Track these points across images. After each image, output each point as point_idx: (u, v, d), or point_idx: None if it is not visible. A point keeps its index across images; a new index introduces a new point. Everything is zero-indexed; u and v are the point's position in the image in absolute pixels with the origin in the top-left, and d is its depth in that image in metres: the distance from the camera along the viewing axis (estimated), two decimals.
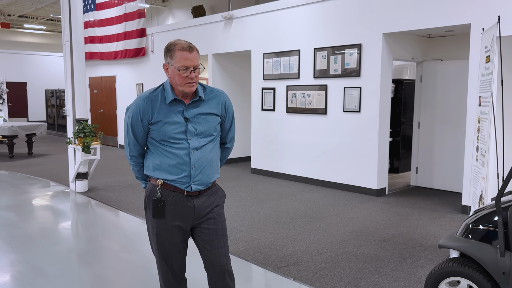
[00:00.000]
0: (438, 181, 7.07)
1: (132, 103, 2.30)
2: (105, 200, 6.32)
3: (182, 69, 2.17)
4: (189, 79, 2.20)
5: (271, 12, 7.82)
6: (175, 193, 2.28)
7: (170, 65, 2.22)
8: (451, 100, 6.82)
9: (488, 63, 3.75)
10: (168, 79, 2.29)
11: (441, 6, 5.68)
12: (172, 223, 2.29)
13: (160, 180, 2.27)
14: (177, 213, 2.29)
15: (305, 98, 7.34)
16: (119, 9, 11.49)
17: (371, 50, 6.45)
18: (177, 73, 2.19)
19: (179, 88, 2.23)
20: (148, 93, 2.29)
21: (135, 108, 2.27)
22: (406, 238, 4.67)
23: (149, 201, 2.31)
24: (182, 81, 2.20)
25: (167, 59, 2.24)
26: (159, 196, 2.26)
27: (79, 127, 6.59)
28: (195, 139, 2.27)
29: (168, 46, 2.24)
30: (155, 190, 2.29)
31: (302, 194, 6.70)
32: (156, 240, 2.33)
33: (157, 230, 2.30)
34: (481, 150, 3.84)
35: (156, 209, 2.26)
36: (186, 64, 2.17)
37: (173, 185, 2.27)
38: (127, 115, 2.30)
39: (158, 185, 2.27)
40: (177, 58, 2.17)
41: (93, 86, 13.40)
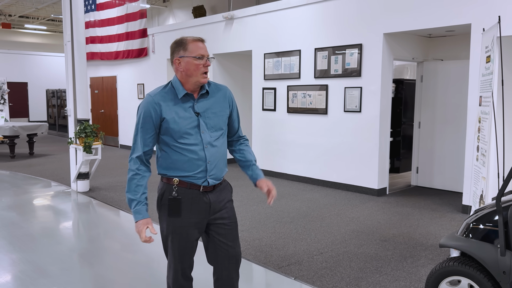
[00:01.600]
0: (438, 181, 7.07)
1: (143, 101, 2.30)
2: (106, 200, 6.33)
3: (199, 57, 2.24)
4: (204, 68, 2.27)
5: (271, 12, 7.83)
6: (191, 190, 2.31)
7: (183, 57, 2.26)
8: (452, 100, 6.83)
9: (488, 63, 3.75)
10: (175, 76, 2.33)
11: (441, 6, 5.68)
12: (189, 220, 2.31)
13: (176, 179, 2.29)
14: (194, 209, 2.32)
15: (306, 98, 7.36)
16: (120, 9, 11.50)
17: (372, 50, 6.46)
18: (193, 63, 2.24)
19: (193, 79, 2.27)
20: (158, 90, 2.31)
21: (147, 105, 2.26)
22: (406, 238, 4.68)
23: (164, 200, 2.31)
24: (197, 71, 2.26)
25: (179, 53, 2.27)
26: (176, 195, 2.28)
27: (80, 127, 6.61)
28: (207, 133, 2.31)
29: (178, 41, 2.30)
30: (170, 188, 2.30)
31: (303, 194, 6.71)
32: (171, 238, 2.33)
33: (173, 228, 2.31)
34: (482, 149, 3.85)
35: (172, 207, 2.28)
36: (202, 53, 2.25)
37: (189, 182, 2.29)
38: (139, 112, 2.28)
39: (174, 184, 2.29)
40: (192, 48, 2.25)
41: (94, 86, 13.42)
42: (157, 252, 4.29)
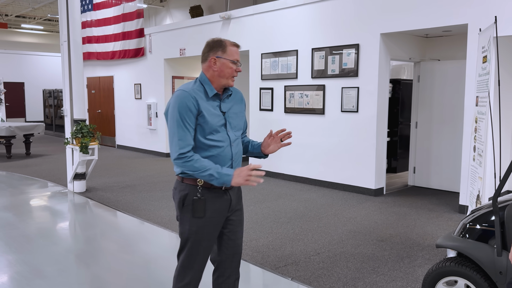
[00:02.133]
0: (435, 180, 7.09)
1: (176, 98, 2.25)
2: (103, 201, 6.32)
3: (235, 61, 2.35)
4: (235, 72, 2.37)
5: (269, 12, 7.83)
6: (214, 189, 2.33)
7: (221, 58, 2.34)
8: (449, 100, 6.84)
9: (485, 63, 3.76)
10: (203, 74, 2.37)
11: (438, 6, 5.69)
12: (211, 220, 2.34)
13: (201, 180, 2.30)
14: (217, 208, 2.35)
15: (303, 98, 7.36)
16: (117, 9, 11.47)
17: (369, 50, 6.47)
18: (228, 66, 2.33)
19: (222, 81, 2.35)
20: (190, 86, 2.32)
21: (183, 100, 2.24)
22: (403, 238, 4.68)
23: (188, 201, 2.31)
24: (230, 74, 2.35)
25: (218, 53, 2.34)
26: (200, 196, 2.30)
27: (77, 127, 6.59)
28: (231, 132, 2.39)
29: (217, 40, 2.37)
30: (194, 189, 2.30)
31: (300, 194, 6.71)
32: (193, 240, 2.33)
33: (196, 229, 2.31)
34: (478, 150, 3.85)
35: (197, 208, 2.29)
36: (238, 58, 2.37)
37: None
38: (175, 108, 2.24)
39: (199, 184, 2.30)
40: (231, 52, 2.35)
41: (91, 86, 13.39)
42: (155, 253, 4.28)
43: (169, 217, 5.44)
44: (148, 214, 5.62)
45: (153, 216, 5.53)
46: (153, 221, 5.32)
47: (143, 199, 6.37)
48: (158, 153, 10.92)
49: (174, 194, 2.40)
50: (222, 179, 2.22)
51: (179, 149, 2.23)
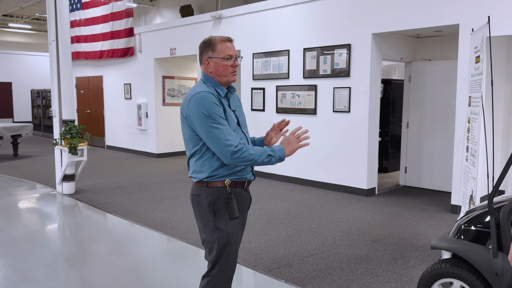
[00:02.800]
0: (427, 180, 7.10)
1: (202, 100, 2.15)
2: (92, 202, 6.22)
3: (227, 57, 2.26)
4: (233, 67, 2.29)
5: (260, 12, 7.79)
6: (238, 188, 2.31)
7: (212, 58, 2.29)
8: (440, 100, 6.86)
9: (478, 63, 3.75)
10: (206, 75, 2.32)
11: (430, 6, 5.69)
12: (240, 220, 2.33)
13: (228, 180, 2.26)
14: (242, 208, 2.35)
15: (294, 98, 7.32)
16: (105, 8, 11.35)
17: (361, 50, 6.45)
18: (221, 64, 2.27)
19: (223, 79, 2.30)
20: (206, 88, 2.24)
21: (209, 99, 2.16)
22: (396, 239, 4.66)
23: (221, 204, 2.24)
24: (227, 71, 2.28)
25: (208, 53, 2.30)
26: (232, 196, 2.25)
27: (65, 128, 6.48)
28: (243, 129, 2.37)
29: (206, 41, 2.32)
30: (224, 191, 2.25)
31: (292, 194, 6.68)
32: (231, 244, 2.27)
33: (233, 232, 2.27)
34: (471, 150, 3.84)
35: (232, 208, 2.25)
36: (230, 53, 2.28)
37: (237, 180, 2.29)
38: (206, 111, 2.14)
39: (227, 186, 2.26)
40: (221, 49, 2.27)
41: (79, 86, 13.23)
42: (145, 256, 4.21)
43: (160, 219, 5.37)
44: (138, 216, 5.55)
45: (144, 218, 5.45)
46: (144, 223, 5.24)
47: (133, 201, 6.29)
48: (148, 154, 10.82)
49: (197, 201, 2.28)
50: (278, 155, 2.21)
51: (233, 148, 2.14)
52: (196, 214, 2.32)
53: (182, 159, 10.40)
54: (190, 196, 2.37)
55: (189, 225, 5.12)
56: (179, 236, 4.73)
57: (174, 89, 10.83)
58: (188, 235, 4.77)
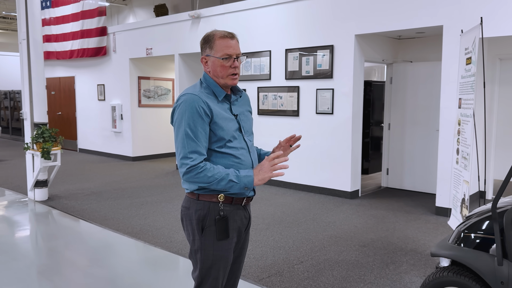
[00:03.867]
0: (409, 182, 7.09)
1: (185, 103, 1.94)
2: (67, 209, 5.92)
3: (224, 57, 2.02)
4: (232, 69, 2.04)
5: (240, 12, 7.62)
6: (235, 205, 2.06)
7: (210, 56, 2.06)
8: (421, 102, 6.86)
9: (469, 64, 3.70)
10: (206, 74, 2.10)
11: (413, 8, 5.66)
12: (232, 241, 2.08)
13: (222, 195, 2.01)
14: (238, 227, 2.10)
15: (276, 99, 7.19)
16: (75, 6, 10.95)
17: (343, 52, 6.38)
18: (219, 64, 2.03)
19: (221, 81, 2.06)
20: (198, 89, 2.03)
21: (193, 103, 1.94)
22: (385, 243, 4.58)
23: (210, 222, 2.01)
24: (224, 72, 2.04)
25: (206, 51, 2.07)
26: (224, 214, 2.01)
27: (38, 131, 6.15)
28: (246, 137, 2.13)
29: (206, 37, 2.09)
30: (216, 208, 2.01)
31: (276, 198, 6.54)
32: (217, 267, 2.04)
33: (221, 254, 2.03)
34: (463, 153, 3.79)
35: (221, 228, 2.00)
36: (229, 52, 2.03)
37: (233, 196, 2.05)
38: (186, 116, 1.93)
39: (220, 200, 2.01)
40: (219, 47, 2.03)
41: (50, 87, 12.75)
42: (125, 267, 3.98)
43: (140, 227, 5.13)
44: (117, 223, 5.29)
45: (123, 225, 5.20)
46: (122, 231, 4.99)
47: (110, 207, 6.01)
48: (123, 157, 10.48)
49: (186, 215, 2.06)
50: (243, 182, 1.94)
51: (190, 162, 1.92)
52: (184, 228, 2.13)
53: (159, 162, 10.13)
54: (180, 207, 2.18)
55: (171, 232, 4.91)
56: (161, 245, 4.51)
57: (150, 90, 10.53)
58: (171, 243, 4.56)
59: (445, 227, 5.10)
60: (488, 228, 2.60)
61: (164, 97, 10.89)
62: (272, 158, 1.95)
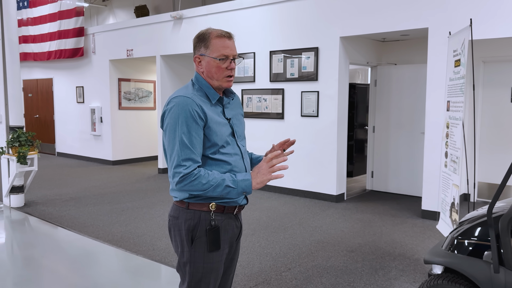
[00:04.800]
0: (393, 185, 7.07)
1: (178, 106, 1.82)
2: (44, 216, 5.69)
3: (221, 58, 1.90)
4: (228, 71, 1.92)
5: (224, 13, 7.50)
6: (226, 214, 1.95)
7: (205, 56, 1.93)
8: (406, 104, 6.84)
9: (458, 67, 3.67)
10: (198, 75, 1.98)
11: (398, 10, 5.63)
12: (223, 252, 1.96)
13: (214, 203, 1.89)
14: (229, 237, 1.99)
15: (261, 102, 7.09)
16: (53, 6, 10.67)
17: (328, 54, 6.32)
18: (214, 65, 1.91)
19: (214, 83, 1.94)
20: (190, 91, 1.90)
21: (186, 106, 1.81)
22: (373, 247, 4.52)
23: (200, 232, 1.88)
24: (220, 74, 1.92)
25: (200, 50, 1.95)
26: (215, 224, 1.89)
27: (13, 135, 5.91)
28: (239, 142, 2.02)
29: (200, 35, 1.96)
30: (207, 217, 1.89)
31: (260, 202, 6.42)
32: (206, 280, 1.92)
33: (211, 267, 1.91)
34: (452, 156, 3.75)
35: (213, 239, 1.89)
36: (226, 53, 1.91)
37: (225, 205, 1.93)
38: (179, 120, 1.80)
39: (212, 210, 1.89)
40: (215, 47, 1.91)
41: (27, 89, 12.39)
42: (106, 277, 3.81)
43: (121, 234, 4.96)
44: (96, 231, 5.10)
45: (103, 233, 5.01)
46: (102, 239, 4.81)
47: (90, 214, 5.81)
48: (103, 161, 10.23)
49: (175, 224, 1.94)
50: (241, 187, 1.81)
51: (184, 170, 1.79)
52: (171, 238, 2.00)
53: (140, 166, 9.91)
54: (168, 216, 2.05)
55: (154, 239, 4.75)
56: (143, 253, 4.35)
57: (130, 92, 10.32)
58: (153, 251, 4.40)
59: (432, 230, 5.06)
60: (482, 234, 2.53)
61: (146, 100, 10.69)
62: (270, 159, 1.82)
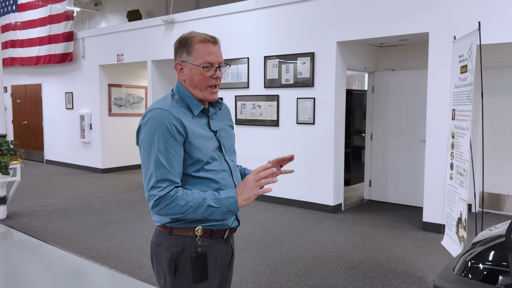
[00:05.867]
0: (392, 194, 6.83)
1: (153, 120, 1.61)
2: (27, 229, 5.40)
3: (205, 66, 1.68)
4: (213, 80, 1.70)
5: (217, 17, 7.26)
6: (215, 239, 1.72)
7: (186, 63, 1.70)
8: (405, 111, 6.63)
9: (464, 73, 3.44)
10: (180, 84, 1.77)
11: (397, 14, 5.42)
12: (212, 282, 1.72)
13: (200, 227, 1.66)
14: (218, 265, 1.75)
15: (255, 109, 6.84)
16: (43, 10, 10.39)
17: (325, 59, 6.09)
18: (197, 73, 1.69)
19: (198, 93, 1.72)
20: (169, 102, 1.68)
21: (163, 120, 1.60)
22: (373, 264, 4.26)
23: (185, 261, 1.66)
24: (203, 84, 1.70)
25: (182, 56, 1.73)
26: (202, 251, 1.66)
27: None
28: (228, 156, 1.80)
29: (182, 39, 1.73)
30: (192, 243, 1.66)
31: (255, 213, 6.16)
32: None
33: None
34: (458, 168, 3.51)
35: (198, 269, 1.66)
36: (210, 60, 1.69)
37: (213, 228, 1.70)
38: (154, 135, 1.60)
39: (198, 235, 1.67)
40: (198, 53, 1.68)
41: (15, 95, 12.08)
42: None
43: (106, 249, 4.67)
44: (81, 245, 4.81)
45: (87, 248, 4.73)
46: (86, 254, 4.52)
47: (75, 226, 5.52)
48: (92, 169, 9.92)
49: (156, 252, 1.71)
50: (225, 206, 1.59)
51: (159, 192, 1.57)
52: (153, 268, 1.76)
53: (131, 174, 9.62)
54: (150, 243, 1.80)
55: (141, 256, 4.47)
56: (129, 271, 4.07)
57: (121, 98, 10.04)
58: (140, 269, 4.12)
59: (434, 244, 4.83)
60: (498, 258, 2.29)
61: (137, 106, 10.41)
62: (258, 171, 1.60)
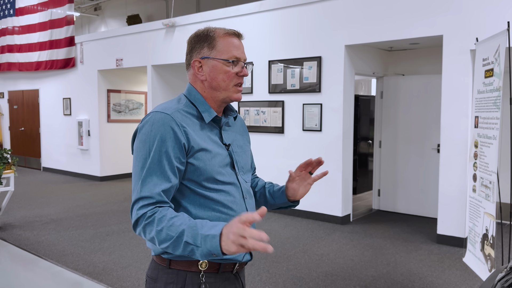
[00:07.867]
0: (402, 204, 6.55)
1: (151, 124, 1.35)
2: (20, 242, 5.11)
3: (233, 60, 1.43)
4: (239, 78, 1.44)
5: (219, 20, 7.02)
6: (222, 274, 1.43)
7: (208, 58, 1.43)
8: (415, 118, 6.37)
9: (489, 77, 3.19)
10: (190, 87, 1.50)
11: (409, 17, 5.18)
12: None
13: (204, 261, 1.38)
14: None
15: (259, 115, 6.58)
16: (43, 14, 10.16)
17: (332, 64, 5.84)
18: (223, 70, 1.42)
19: (220, 95, 1.45)
20: (173, 106, 1.42)
21: (162, 128, 1.34)
22: (388, 281, 3.99)
23: None
24: (229, 82, 1.43)
25: (202, 52, 1.44)
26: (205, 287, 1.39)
27: None
28: (240, 176, 1.50)
29: (200, 33, 1.46)
30: (195, 280, 1.38)
31: (259, 224, 5.88)
32: None
33: None
34: (482, 180, 3.25)
35: None
36: (238, 55, 1.44)
37: (220, 262, 1.41)
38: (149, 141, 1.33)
39: (202, 270, 1.38)
40: (224, 46, 1.42)
41: (13, 101, 11.83)
42: None
43: (103, 265, 4.39)
44: (76, 260, 4.54)
45: (83, 263, 4.45)
46: (82, 270, 4.25)
47: (70, 239, 5.24)
48: (90, 177, 9.65)
49: None
50: (206, 248, 1.19)
51: (137, 210, 1.31)
52: None
53: (130, 182, 9.33)
54: (145, 276, 1.53)
55: (140, 272, 4.19)
56: None
57: (120, 104, 9.79)
58: (140, 287, 3.84)
59: (451, 258, 4.55)
60: None
61: (136, 112, 10.15)
62: (244, 221, 1.14)
